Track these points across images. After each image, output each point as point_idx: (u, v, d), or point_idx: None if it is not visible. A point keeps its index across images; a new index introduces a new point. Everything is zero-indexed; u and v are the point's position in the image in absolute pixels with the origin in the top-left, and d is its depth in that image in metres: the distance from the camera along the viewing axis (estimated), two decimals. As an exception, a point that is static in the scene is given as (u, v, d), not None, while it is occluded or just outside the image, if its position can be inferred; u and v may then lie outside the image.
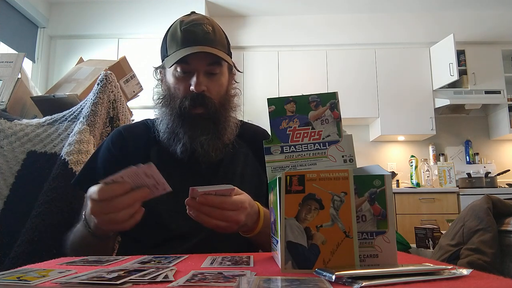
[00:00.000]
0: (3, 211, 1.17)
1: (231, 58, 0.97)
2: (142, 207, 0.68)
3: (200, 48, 0.87)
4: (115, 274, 0.42)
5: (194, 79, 0.88)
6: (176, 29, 0.91)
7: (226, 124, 0.94)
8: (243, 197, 0.72)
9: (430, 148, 4.13)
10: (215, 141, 0.91)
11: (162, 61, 0.97)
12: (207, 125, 0.90)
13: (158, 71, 1.00)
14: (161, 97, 0.95)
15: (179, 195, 0.90)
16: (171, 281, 0.40)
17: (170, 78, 0.93)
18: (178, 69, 0.90)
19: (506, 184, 3.81)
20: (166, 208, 0.87)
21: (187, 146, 0.89)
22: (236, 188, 0.72)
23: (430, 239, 2.08)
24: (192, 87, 0.88)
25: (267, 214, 0.79)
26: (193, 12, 0.97)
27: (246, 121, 1.08)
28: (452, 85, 3.87)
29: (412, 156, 3.94)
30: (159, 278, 0.41)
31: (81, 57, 2.02)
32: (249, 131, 1.05)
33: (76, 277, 0.42)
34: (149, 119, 1.02)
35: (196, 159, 0.91)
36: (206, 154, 0.89)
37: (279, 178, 0.48)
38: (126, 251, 0.93)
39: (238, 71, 1.02)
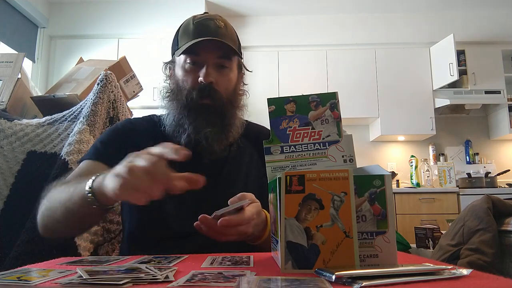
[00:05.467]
0: (3, 211, 1.17)
1: (241, 57, 0.98)
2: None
3: (211, 38, 0.87)
4: (116, 274, 0.42)
5: (203, 70, 0.88)
6: (189, 23, 0.92)
7: (232, 121, 0.94)
8: (253, 208, 0.71)
9: (430, 148, 4.13)
10: (220, 135, 0.90)
11: (172, 56, 0.97)
12: (213, 118, 0.89)
13: (168, 66, 1.00)
14: (169, 91, 0.95)
15: (183, 195, 0.90)
16: (171, 281, 0.40)
17: (179, 71, 0.93)
18: (188, 60, 0.90)
19: (506, 184, 3.81)
20: (170, 207, 0.87)
21: (192, 137, 0.88)
22: (250, 196, 0.71)
23: (430, 239, 2.08)
24: (200, 78, 0.88)
25: None
26: (206, 13, 0.99)
27: (251, 121, 1.08)
28: (452, 85, 3.87)
29: (412, 156, 3.94)
30: (159, 278, 0.41)
31: (81, 57, 2.02)
32: (254, 131, 1.05)
33: (77, 277, 0.42)
34: (155, 115, 1.02)
35: (201, 158, 0.90)
36: (210, 147, 0.88)
37: (279, 178, 0.48)
38: (129, 249, 0.93)
39: (248, 70, 1.02)
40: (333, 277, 0.39)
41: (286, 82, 4.05)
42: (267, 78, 4.08)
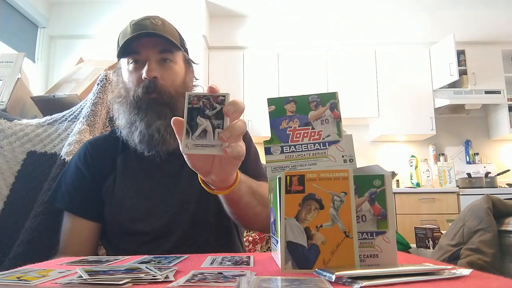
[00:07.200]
0: (3, 211, 1.17)
1: (187, 53, 0.97)
2: None
3: (148, 34, 0.86)
4: (116, 274, 0.42)
5: (145, 67, 0.87)
6: (127, 26, 0.91)
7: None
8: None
9: (430, 148, 4.13)
10: (171, 126, 0.89)
11: (118, 62, 0.96)
12: (163, 110, 0.87)
13: (116, 74, 0.98)
14: (119, 96, 0.93)
15: (149, 197, 0.89)
16: (171, 281, 0.40)
17: (124, 74, 0.92)
18: (130, 61, 0.89)
19: (506, 184, 3.81)
20: (137, 211, 0.88)
21: (144, 132, 0.87)
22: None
23: (430, 239, 2.08)
24: (144, 75, 0.87)
25: (247, 180, 0.75)
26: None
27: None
28: (452, 85, 3.87)
29: (412, 156, 3.94)
30: (159, 278, 0.41)
31: (81, 57, 2.02)
32: None
33: (77, 277, 0.42)
34: (117, 127, 1.00)
35: (163, 159, 0.89)
36: (163, 139, 0.86)
37: (279, 178, 0.48)
38: (107, 251, 0.94)
39: (194, 63, 1.00)
40: (333, 277, 0.39)
41: (286, 82, 4.05)
42: (267, 78, 4.08)
